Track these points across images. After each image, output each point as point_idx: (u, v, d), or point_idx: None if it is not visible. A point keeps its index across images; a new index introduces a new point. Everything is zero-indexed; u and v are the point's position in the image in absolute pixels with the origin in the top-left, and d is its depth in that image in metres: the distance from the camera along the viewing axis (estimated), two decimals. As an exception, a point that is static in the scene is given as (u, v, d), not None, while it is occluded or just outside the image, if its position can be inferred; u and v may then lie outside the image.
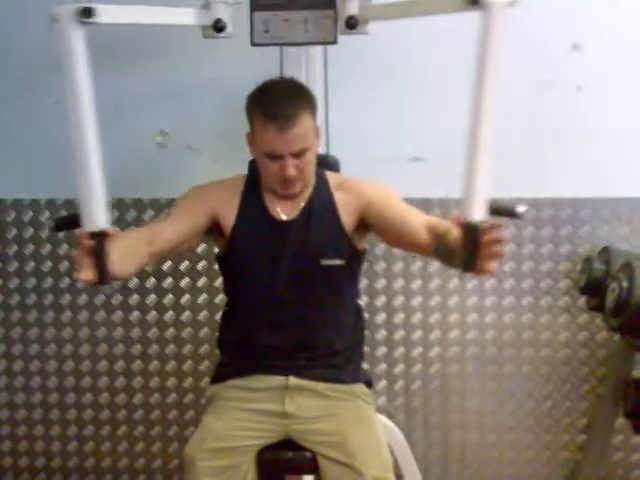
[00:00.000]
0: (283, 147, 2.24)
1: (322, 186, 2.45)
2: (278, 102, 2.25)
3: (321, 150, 2.57)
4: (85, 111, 2.05)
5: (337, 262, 2.39)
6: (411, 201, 3.08)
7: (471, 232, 1.87)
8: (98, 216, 1.97)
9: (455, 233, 1.96)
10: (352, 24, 2.47)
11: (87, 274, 1.91)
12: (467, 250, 1.87)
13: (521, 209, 2.13)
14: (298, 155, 2.26)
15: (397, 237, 2.39)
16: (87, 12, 2.08)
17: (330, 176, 2.50)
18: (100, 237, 1.93)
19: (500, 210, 2.10)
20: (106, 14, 2.19)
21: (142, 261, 2.29)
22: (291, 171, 2.26)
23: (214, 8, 2.53)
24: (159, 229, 2.37)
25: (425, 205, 3.16)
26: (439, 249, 2.14)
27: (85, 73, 2.07)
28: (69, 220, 2.18)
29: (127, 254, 2.14)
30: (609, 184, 3.16)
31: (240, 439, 2.33)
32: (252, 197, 2.44)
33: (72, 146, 2.05)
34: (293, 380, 2.41)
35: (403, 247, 2.56)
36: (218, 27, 2.51)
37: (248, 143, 2.37)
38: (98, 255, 1.92)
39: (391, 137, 3.18)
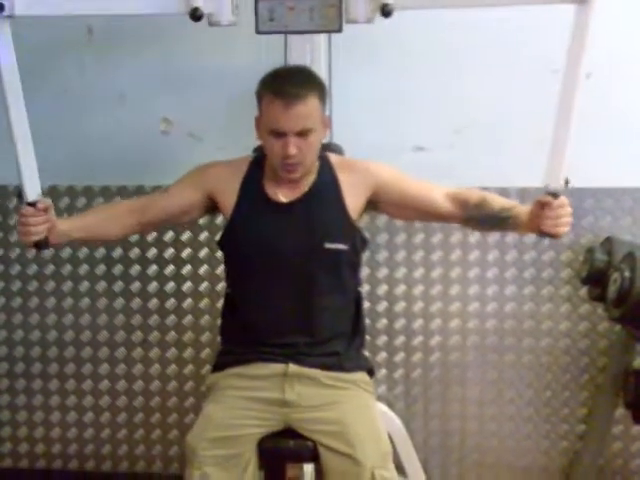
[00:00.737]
0: (287, 123, 2.25)
1: (325, 168, 2.46)
2: (287, 81, 2.30)
3: (325, 138, 2.57)
4: (11, 98, 2.35)
5: (341, 246, 2.40)
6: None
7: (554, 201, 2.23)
8: (31, 190, 2.36)
9: (495, 202, 2.40)
10: (387, 11, 2.44)
11: (22, 239, 2.39)
12: (546, 216, 2.23)
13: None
14: (301, 134, 2.27)
15: (415, 211, 2.50)
16: None
17: (333, 157, 2.51)
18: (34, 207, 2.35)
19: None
20: (22, 7, 2.34)
21: (130, 228, 2.55)
22: (292, 149, 2.27)
23: None
24: (152, 200, 2.55)
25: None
26: (473, 217, 2.43)
27: (8, 60, 2.33)
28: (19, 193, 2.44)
29: (110, 219, 2.52)
30: (612, 174, 3.16)
31: (241, 428, 2.33)
32: (253, 181, 2.46)
33: (9, 131, 2.33)
34: (293, 367, 2.40)
35: (420, 219, 2.79)
36: (196, 16, 2.47)
37: (256, 126, 2.39)
38: (35, 224, 2.34)
39: (394, 127, 3.18)
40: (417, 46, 3.12)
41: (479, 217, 2.41)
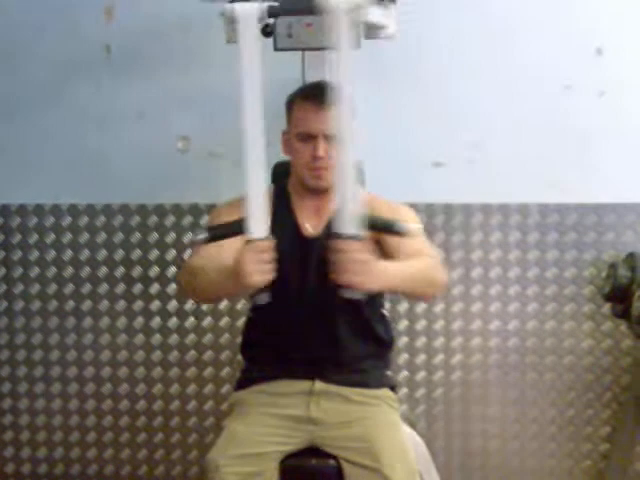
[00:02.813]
0: (318, 125, 2.27)
1: None
2: (318, 87, 2.32)
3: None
4: (256, 118, 2.12)
5: None
6: (433, 207, 3.09)
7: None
8: (263, 223, 2.05)
9: None
10: (268, 32, 2.45)
11: (257, 279, 2.01)
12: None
13: (402, 228, 2.09)
14: (331, 140, 2.25)
15: None
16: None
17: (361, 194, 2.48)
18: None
19: (379, 226, 2.12)
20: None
21: None
22: (321, 151, 2.28)
23: None
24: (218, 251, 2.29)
25: (447, 210, 3.17)
26: None
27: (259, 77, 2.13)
28: (229, 229, 2.15)
29: None
30: (634, 190, 3.14)
31: (264, 445, 2.31)
32: (282, 209, 2.44)
33: (243, 154, 2.08)
34: (319, 385, 2.40)
35: None
36: (267, 32, 2.49)
37: (282, 141, 2.41)
38: (267, 262, 2.02)
39: (413, 143, 3.17)
40: (434, 62, 3.13)
41: None
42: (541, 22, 2.74)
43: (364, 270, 1.98)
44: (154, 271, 3.32)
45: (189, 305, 3.33)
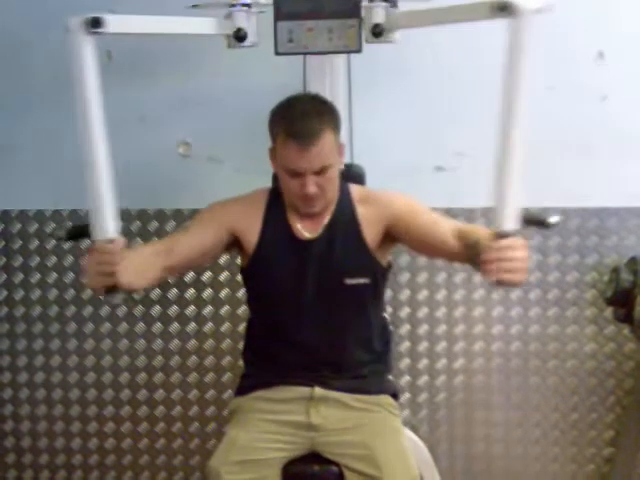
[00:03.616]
0: (304, 165, 2.20)
1: (345, 201, 2.41)
2: (301, 119, 2.22)
3: (346, 160, 2.54)
4: (94, 121, 2.08)
5: (362, 281, 2.37)
6: (435, 211, 3.08)
7: (496, 242, 1.83)
8: (107, 226, 2.01)
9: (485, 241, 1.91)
10: (378, 32, 2.45)
11: (96, 282, 2.01)
12: (488, 260, 1.83)
13: (552, 220, 2.08)
14: (319, 172, 2.22)
15: (424, 246, 2.36)
16: (96, 22, 2.06)
17: (353, 189, 2.46)
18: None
19: (531, 220, 2.07)
20: (115, 24, 2.16)
21: (156, 275, 2.27)
22: (311, 189, 2.23)
23: (235, 17, 2.51)
24: (176, 243, 2.34)
25: (449, 215, 3.13)
26: (471, 257, 2.03)
27: (94, 83, 2.07)
28: (79, 230, 2.20)
29: (141, 267, 2.18)
30: (636, 194, 3.13)
31: (265, 451, 2.31)
32: (275, 214, 2.41)
33: (82, 156, 2.07)
34: (318, 391, 2.40)
35: (429, 255, 2.72)
36: (239, 36, 2.50)
37: (270, 158, 2.35)
38: (107, 264, 1.97)
39: (415, 147, 3.16)
40: (438, 65, 3.12)
41: (474, 257, 1.99)
42: (542, 24, 2.70)
43: (523, 267, 1.83)
44: (155, 276, 3.30)
45: (190, 310, 3.32)
